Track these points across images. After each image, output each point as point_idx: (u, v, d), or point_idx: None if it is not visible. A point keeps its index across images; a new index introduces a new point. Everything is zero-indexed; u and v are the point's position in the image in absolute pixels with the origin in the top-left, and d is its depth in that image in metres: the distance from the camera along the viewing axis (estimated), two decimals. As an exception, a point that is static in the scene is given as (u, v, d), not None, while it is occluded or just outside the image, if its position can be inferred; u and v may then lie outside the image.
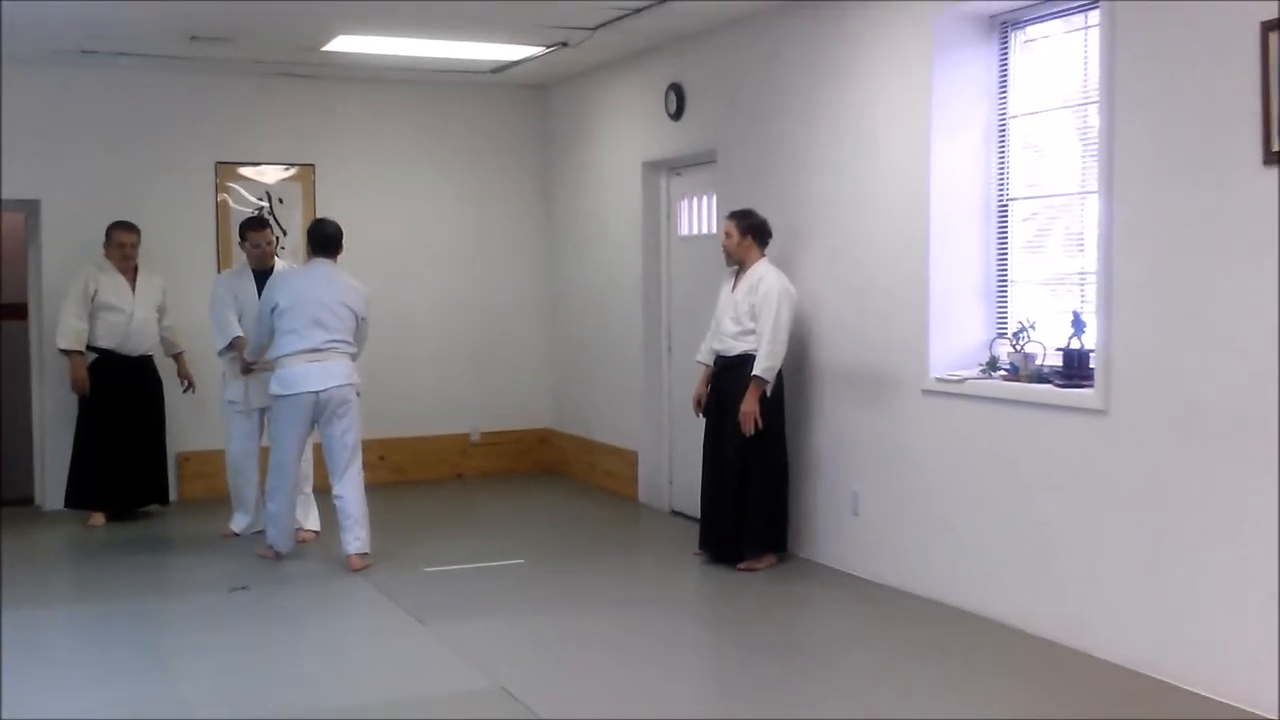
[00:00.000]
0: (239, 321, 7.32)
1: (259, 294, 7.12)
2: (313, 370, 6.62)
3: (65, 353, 7.87)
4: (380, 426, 9.25)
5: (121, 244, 7.93)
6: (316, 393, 6.62)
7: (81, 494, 7.98)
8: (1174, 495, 4.78)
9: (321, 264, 6.85)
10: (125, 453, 7.95)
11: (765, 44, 7.09)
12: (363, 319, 6.85)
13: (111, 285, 7.89)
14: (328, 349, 6.67)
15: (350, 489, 6.74)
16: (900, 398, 6.17)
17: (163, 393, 8.21)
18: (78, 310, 7.80)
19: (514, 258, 9.84)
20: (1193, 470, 4.71)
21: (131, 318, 7.93)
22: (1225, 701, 4.55)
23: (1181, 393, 4.74)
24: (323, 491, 7.18)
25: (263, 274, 7.33)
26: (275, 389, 6.69)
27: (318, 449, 7.01)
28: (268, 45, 7.95)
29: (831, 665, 5.25)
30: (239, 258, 7.86)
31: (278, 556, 6.89)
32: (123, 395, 7.90)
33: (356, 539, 6.74)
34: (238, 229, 7.88)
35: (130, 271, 7.99)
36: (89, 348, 7.89)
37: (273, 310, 6.69)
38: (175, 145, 8.79)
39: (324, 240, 6.91)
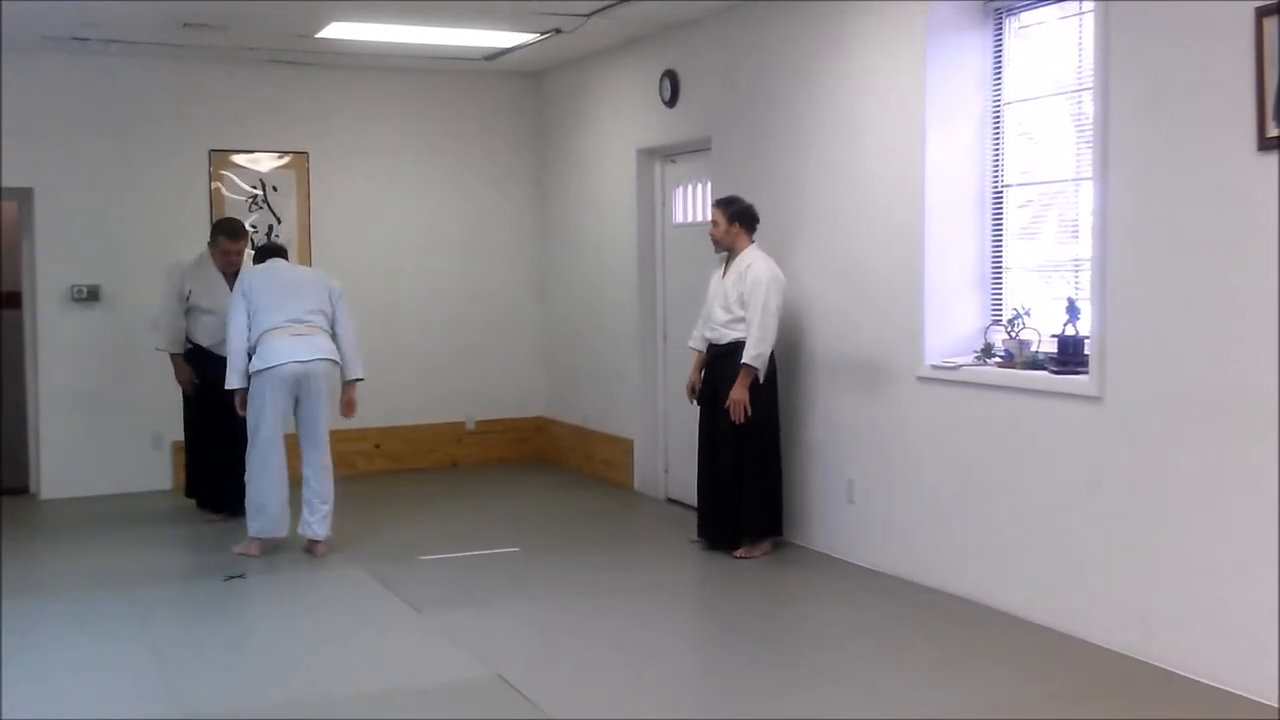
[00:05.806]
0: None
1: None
2: (296, 343, 6.63)
3: (168, 353, 7.71)
4: (375, 415, 9.24)
5: (227, 252, 7.61)
6: (303, 363, 6.60)
7: (201, 495, 7.83)
8: (1169, 481, 4.78)
9: (279, 260, 7.04)
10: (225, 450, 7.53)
11: (759, 31, 7.08)
12: (338, 295, 6.90)
13: (207, 289, 7.62)
14: (309, 321, 6.73)
15: (324, 471, 6.78)
16: (895, 385, 6.17)
17: None
18: (176, 309, 7.63)
19: (508, 245, 9.83)
20: (1188, 456, 4.71)
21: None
22: (1222, 687, 4.56)
23: (1176, 379, 4.74)
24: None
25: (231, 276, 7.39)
26: (255, 365, 6.63)
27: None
28: (260, 32, 7.92)
29: (826, 652, 5.26)
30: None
31: (260, 550, 6.80)
32: (213, 389, 7.34)
33: (321, 523, 6.77)
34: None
35: (233, 276, 7.54)
36: None
37: (245, 294, 6.72)
38: (168, 133, 8.76)
39: (274, 249, 7.23)
